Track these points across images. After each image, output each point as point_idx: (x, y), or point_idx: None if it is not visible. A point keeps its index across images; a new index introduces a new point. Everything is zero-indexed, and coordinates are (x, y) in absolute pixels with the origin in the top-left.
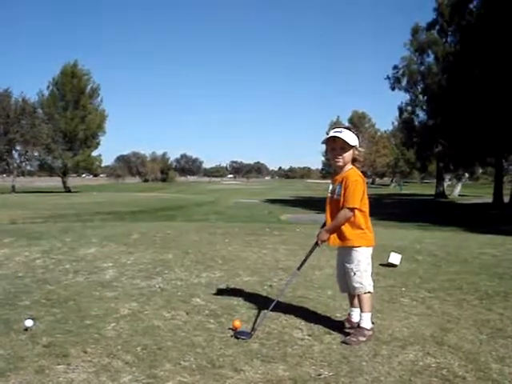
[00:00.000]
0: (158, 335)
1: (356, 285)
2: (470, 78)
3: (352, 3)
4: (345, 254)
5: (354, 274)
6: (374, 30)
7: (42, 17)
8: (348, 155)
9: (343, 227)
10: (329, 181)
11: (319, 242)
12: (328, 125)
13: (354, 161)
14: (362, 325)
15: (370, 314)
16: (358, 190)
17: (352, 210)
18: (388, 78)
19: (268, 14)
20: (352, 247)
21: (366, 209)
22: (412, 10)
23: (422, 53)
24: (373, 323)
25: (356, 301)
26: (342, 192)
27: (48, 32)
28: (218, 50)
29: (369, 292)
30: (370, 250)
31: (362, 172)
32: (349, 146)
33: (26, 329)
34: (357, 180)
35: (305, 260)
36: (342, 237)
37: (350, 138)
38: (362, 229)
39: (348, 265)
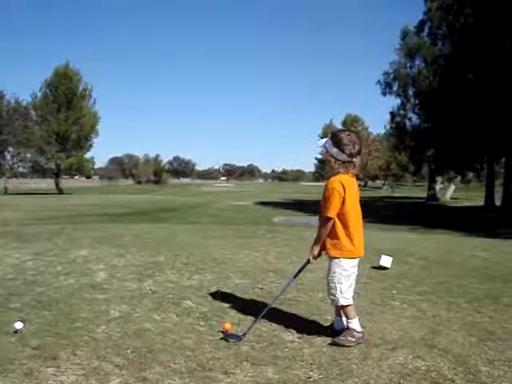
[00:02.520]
0: (148, 338)
1: (330, 296)
2: (463, 82)
3: (347, 7)
4: (328, 262)
5: (328, 285)
6: (368, 31)
7: (37, 18)
8: (333, 162)
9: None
10: (322, 183)
11: (311, 258)
12: (322, 128)
13: (346, 166)
14: (351, 326)
15: (356, 319)
16: (333, 198)
17: (328, 218)
18: (379, 83)
19: (261, 16)
20: (331, 257)
21: (349, 218)
22: (407, 12)
23: (412, 56)
24: (362, 327)
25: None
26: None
27: (43, 34)
28: (211, 53)
29: (341, 305)
30: (350, 262)
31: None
32: (329, 155)
33: (16, 331)
34: (333, 188)
35: (300, 271)
36: (323, 245)
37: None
38: (338, 238)
39: (327, 275)
